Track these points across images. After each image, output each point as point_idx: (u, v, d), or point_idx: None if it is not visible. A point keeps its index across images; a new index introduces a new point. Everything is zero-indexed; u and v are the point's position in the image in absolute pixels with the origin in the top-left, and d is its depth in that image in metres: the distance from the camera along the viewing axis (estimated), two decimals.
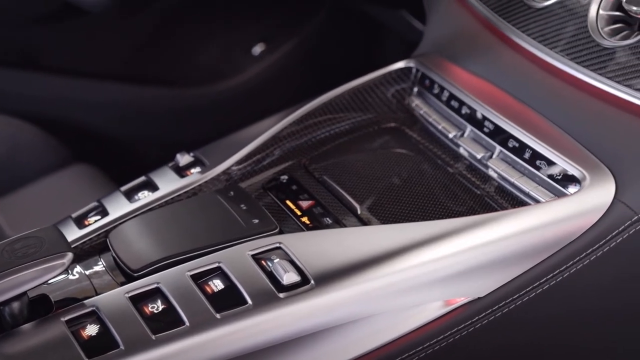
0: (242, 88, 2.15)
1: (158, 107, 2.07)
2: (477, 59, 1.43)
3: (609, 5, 1.29)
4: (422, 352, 1.16)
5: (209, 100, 2.11)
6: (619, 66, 1.24)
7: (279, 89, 2.18)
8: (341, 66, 2.23)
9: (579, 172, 1.21)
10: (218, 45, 2.16)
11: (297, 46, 2.20)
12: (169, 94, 2.08)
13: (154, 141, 2.05)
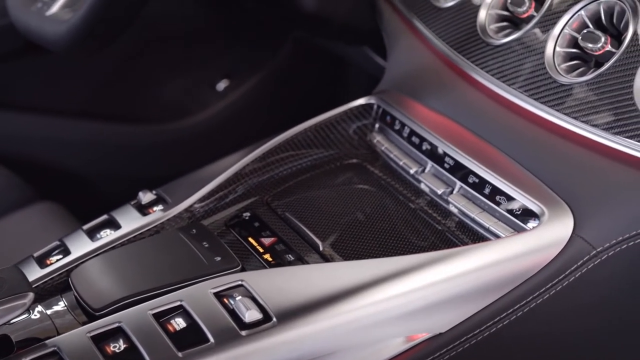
0: (206, 124, 2.16)
1: (122, 144, 2.07)
2: (438, 96, 1.44)
3: (566, 43, 1.31)
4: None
5: (173, 136, 2.11)
6: (576, 102, 1.26)
7: (243, 125, 2.19)
8: (305, 102, 2.24)
9: (537, 207, 1.22)
10: (182, 82, 2.17)
11: (261, 82, 2.22)
12: (133, 130, 2.08)
13: (118, 178, 2.05)
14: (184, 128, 2.13)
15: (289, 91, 2.27)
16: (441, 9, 1.49)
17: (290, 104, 2.25)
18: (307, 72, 2.28)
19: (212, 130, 2.15)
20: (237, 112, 2.19)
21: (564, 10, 1.32)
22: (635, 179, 1.18)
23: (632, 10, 1.25)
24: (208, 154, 1.57)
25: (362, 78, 2.16)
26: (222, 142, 2.08)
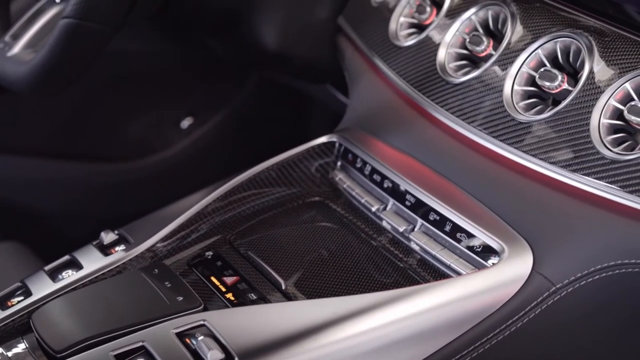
0: (171, 162, 2.16)
1: (85, 183, 2.07)
2: (399, 134, 1.45)
3: (523, 81, 1.33)
4: None
5: (136, 175, 2.11)
6: (534, 140, 1.28)
7: (208, 163, 2.19)
8: (269, 139, 2.25)
9: (497, 244, 1.23)
10: (146, 119, 2.17)
11: (225, 119, 2.22)
12: (96, 169, 2.08)
13: (81, 217, 2.05)
14: (148, 166, 2.13)
15: (253, 128, 2.27)
16: (401, 47, 1.51)
17: (254, 141, 2.26)
18: (271, 109, 2.29)
19: (176, 168, 2.15)
20: (202, 149, 2.19)
21: (521, 49, 1.34)
22: (592, 216, 1.20)
23: (588, 49, 1.27)
24: (172, 192, 1.57)
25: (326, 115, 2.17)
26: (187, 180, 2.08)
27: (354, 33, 1.63)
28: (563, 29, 1.32)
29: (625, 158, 1.18)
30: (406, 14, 1.54)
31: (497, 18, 1.41)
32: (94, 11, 1.38)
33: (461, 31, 1.44)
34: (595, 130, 1.22)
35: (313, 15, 1.70)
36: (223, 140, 2.23)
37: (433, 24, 1.48)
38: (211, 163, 2.19)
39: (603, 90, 1.23)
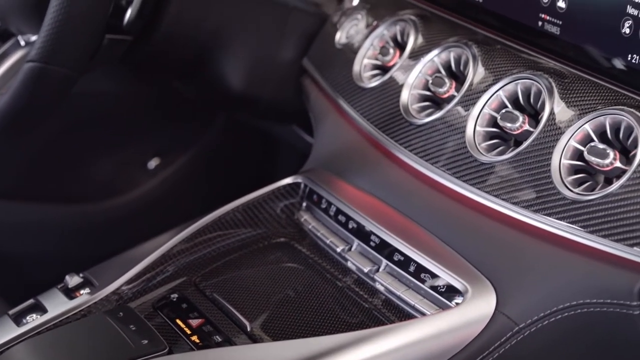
0: (137, 203, 2.15)
1: (50, 225, 2.06)
2: (363, 175, 1.46)
3: (485, 122, 1.34)
4: None
5: (103, 216, 2.10)
6: (497, 180, 1.29)
7: (175, 204, 2.19)
8: (236, 179, 2.25)
9: (461, 284, 1.24)
10: (112, 161, 2.17)
11: (192, 160, 2.22)
12: (61, 210, 2.07)
13: (47, 260, 2.04)
14: (114, 208, 2.12)
15: (220, 168, 2.28)
16: (365, 89, 1.52)
17: (221, 181, 2.26)
18: (238, 149, 2.29)
19: (143, 210, 2.15)
20: (168, 190, 2.19)
21: (483, 91, 1.36)
22: (554, 256, 1.21)
23: (548, 90, 1.29)
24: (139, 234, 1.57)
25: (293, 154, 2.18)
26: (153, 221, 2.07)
27: (318, 74, 1.64)
28: (524, 71, 1.34)
29: (585, 198, 1.19)
30: (370, 56, 1.56)
31: (459, 60, 1.43)
32: (58, 55, 1.39)
33: (424, 73, 1.45)
34: (556, 170, 1.23)
35: (278, 57, 1.71)
36: (190, 180, 2.23)
37: (396, 66, 1.49)
38: (178, 204, 2.18)
39: (563, 131, 1.25)
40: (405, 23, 1.53)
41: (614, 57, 1.25)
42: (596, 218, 1.17)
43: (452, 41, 1.45)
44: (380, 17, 1.58)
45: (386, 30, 1.56)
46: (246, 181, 1.81)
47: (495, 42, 1.42)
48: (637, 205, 1.14)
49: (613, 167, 1.19)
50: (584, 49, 1.29)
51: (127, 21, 1.51)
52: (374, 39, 1.56)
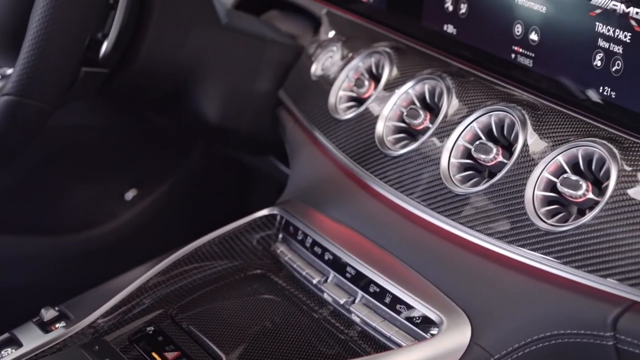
0: (114, 235, 2.15)
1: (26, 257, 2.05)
2: (339, 206, 1.47)
3: (460, 154, 1.35)
4: None
5: (80, 248, 2.10)
6: (471, 212, 1.30)
7: (152, 235, 2.18)
8: (214, 210, 2.25)
9: (436, 316, 1.25)
10: (89, 192, 2.16)
11: (170, 191, 2.22)
12: (38, 243, 2.07)
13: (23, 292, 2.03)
14: (91, 239, 2.11)
15: (198, 198, 2.28)
16: (341, 121, 1.53)
17: (199, 212, 2.26)
18: (215, 179, 2.29)
19: (120, 241, 2.14)
20: (146, 221, 2.19)
21: (457, 122, 1.37)
22: (529, 287, 1.21)
23: (521, 122, 1.30)
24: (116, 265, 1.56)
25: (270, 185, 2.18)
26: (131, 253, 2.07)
27: (294, 106, 1.65)
28: (497, 103, 1.35)
29: (559, 230, 1.20)
30: (345, 88, 1.57)
31: (433, 92, 1.44)
32: (34, 89, 1.39)
33: (399, 105, 1.46)
34: (530, 202, 1.24)
35: (254, 89, 1.72)
36: (167, 211, 2.23)
37: (371, 98, 1.50)
38: (156, 235, 2.18)
39: (537, 163, 1.26)
40: (380, 55, 1.54)
41: (586, 89, 1.27)
42: (570, 249, 1.18)
43: (427, 73, 1.46)
44: (355, 50, 1.59)
45: (361, 63, 1.57)
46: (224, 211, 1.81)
47: (469, 74, 1.43)
48: (609, 237, 1.15)
49: (586, 199, 1.20)
50: (557, 81, 1.31)
51: (103, 54, 1.51)
52: (349, 71, 1.57)
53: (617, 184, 1.17)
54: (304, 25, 1.81)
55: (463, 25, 1.44)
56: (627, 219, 1.15)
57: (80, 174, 2.14)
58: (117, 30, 1.50)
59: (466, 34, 1.44)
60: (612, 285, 1.14)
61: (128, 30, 1.54)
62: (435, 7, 1.48)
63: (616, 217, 1.16)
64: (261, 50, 1.72)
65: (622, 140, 1.21)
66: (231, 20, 1.71)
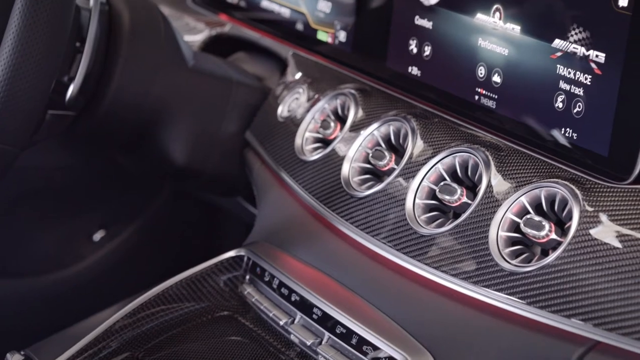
0: (82, 277, 2.14)
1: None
2: (306, 247, 1.47)
3: (425, 195, 1.36)
4: None
5: (47, 291, 2.09)
6: (437, 252, 1.31)
7: (120, 276, 2.18)
8: (182, 250, 2.25)
9: (402, 356, 1.25)
10: (57, 233, 2.16)
11: (138, 231, 2.22)
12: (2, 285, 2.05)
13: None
14: (58, 281, 2.10)
15: (166, 240, 2.27)
16: (307, 162, 1.54)
17: (167, 253, 2.26)
18: (183, 220, 2.29)
19: (88, 283, 2.13)
20: (114, 263, 2.18)
21: (422, 164, 1.38)
22: (494, 327, 1.22)
23: (485, 163, 1.31)
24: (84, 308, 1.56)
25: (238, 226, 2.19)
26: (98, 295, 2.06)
27: (261, 147, 1.66)
28: (461, 144, 1.36)
29: (523, 270, 1.21)
30: (311, 129, 1.58)
31: (398, 133, 1.45)
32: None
33: (364, 146, 1.47)
34: (494, 242, 1.25)
35: (221, 130, 1.72)
36: (135, 252, 2.22)
37: (337, 139, 1.51)
38: (123, 276, 2.17)
39: (500, 204, 1.27)
40: (346, 97, 1.55)
41: (548, 130, 1.28)
42: (534, 289, 1.19)
43: (392, 115, 1.47)
44: (321, 91, 1.61)
45: (327, 104, 1.58)
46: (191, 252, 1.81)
47: (434, 116, 1.45)
48: (572, 277, 1.16)
49: (549, 239, 1.21)
50: (519, 123, 1.32)
51: (69, 97, 1.52)
52: (315, 113, 1.58)
53: (580, 224, 1.18)
54: (271, 67, 1.82)
55: (427, 67, 1.46)
56: (590, 259, 1.16)
57: (47, 215, 2.14)
58: (83, 73, 1.51)
59: (430, 76, 1.46)
60: (576, 326, 1.15)
61: (94, 73, 1.55)
62: (399, 50, 1.50)
63: (579, 258, 1.17)
64: (228, 91, 1.73)
65: (584, 181, 1.23)
66: (198, 63, 1.72)
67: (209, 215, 2.28)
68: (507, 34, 1.32)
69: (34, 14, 1.29)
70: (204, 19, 1.95)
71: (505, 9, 1.32)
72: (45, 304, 2.09)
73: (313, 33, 1.68)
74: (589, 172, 1.24)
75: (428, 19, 1.45)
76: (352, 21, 1.60)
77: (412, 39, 1.48)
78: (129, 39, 1.60)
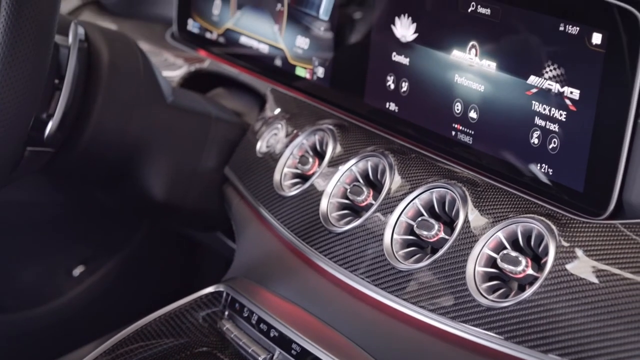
0: (61, 312, 2.13)
1: None
2: (284, 283, 1.48)
3: (402, 230, 1.37)
4: None
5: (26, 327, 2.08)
6: (415, 288, 1.31)
7: (100, 312, 2.17)
8: (162, 285, 2.25)
9: None
10: (36, 269, 2.15)
11: (117, 267, 2.21)
12: None
13: None
14: (38, 317, 2.09)
15: (146, 274, 2.27)
16: (286, 197, 1.54)
17: (146, 288, 2.25)
18: (163, 255, 2.29)
19: (68, 319, 2.12)
20: (94, 298, 2.18)
21: (399, 199, 1.38)
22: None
23: (462, 199, 1.32)
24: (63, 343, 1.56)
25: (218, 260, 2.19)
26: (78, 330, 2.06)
27: (239, 183, 1.66)
28: (438, 180, 1.37)
29: (500, 305, 1.21)
30: (290, 165, 1.58)
31: (376, 169, 1.46)
32: None
33: (342, 181, 1.48)
34: (471, 278, 1.26)
35: (200, 166, 1.73)
36: (115, 287, 2.21)
37: (315, 175, 1.52)
38: (103, 312, 2.17)
39: (477, 239, 1.28)
40: (324, 132, 1.56)
41: (524, 166, 1.29)
42: (511, 325, 1.20)
43: (369, 150, 1.48)
44: (299, 127, 1.61)
45: (305, 140, 1.59)
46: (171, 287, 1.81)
47: (411, 151, 1.46)
48: (549, 312, 1.17)
49: (525, 274, 1.22)
50: (496, 158, 1.33)
51: (48, 134, 1.52)
52: (293, 148, 1.59)
53: (556, 259, 1.19)
54: (250, 103, 1.83)
55: (404, 103, 1.47)
56: (566, 295, 1.17)
57: (27, 250, 2.13)
58: (62, 110, 1.51)
59: (408, 111, 1.47)
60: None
61: (73, 110, 1.55)
62: (377, 86, 1.51)
63: (555, 293, 1.17)
64: (207, 127, 1.73)
65: (559, 217, 1.24)
66: (177, 99, 1.73)
67: (188, 250, 2.28)
68: (483, 70, 1.34)
69: (13, 52, 1.29)
70: (183, 55, 1.95)
71: (481, 46, 1.34)
72: (24, 339, 2.08)
73: (291, 69, 1.69)
74: (564, 208, 1.25)
75: (405, 55, 1.46)
76: (330, 57, 1.61)
77: (389, 75, 1.49)
78: (108, 76, 1.60)
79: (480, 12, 1.33)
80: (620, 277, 1.14)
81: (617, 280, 1.14)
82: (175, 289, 1.64)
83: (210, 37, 1.87)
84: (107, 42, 1.63)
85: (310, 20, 1.64)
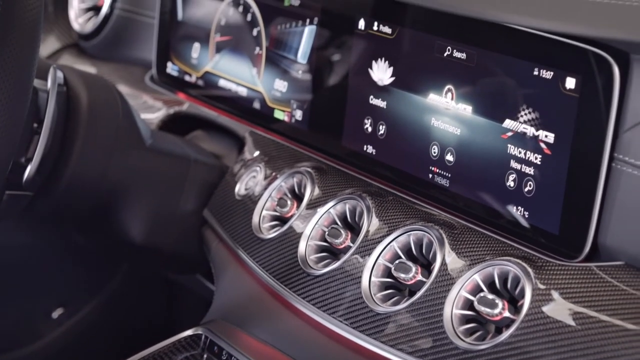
0: (40, 355, 2.12)
1: None
2: (263, 325, 1.48)
3: (380, 272, 1.37)
4: None
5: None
6: (392, 330, 1.31)
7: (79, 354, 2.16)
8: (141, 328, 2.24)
9: None
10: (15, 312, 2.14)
11: (97, 309, 2.21)
12: None
13: None
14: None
15: (125, 317, 2.26)
16: (264, 240, 1.55)
17: (125, 330, 2.24)
18: (142, 297, 2.29)
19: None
20: (73, 341, 2.17)
21: (377, 242, 1.39)
22: None
23: (439, 241, 1.33)
24: None
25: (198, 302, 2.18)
26: None
27: (218, 225, 1.66)
28: (416, 222, 1.38)
29: (477, 348, 1.22)
30: (268, 207, 1.59)
31: (354, 211, 1.47)
32: None
33: (320, 224, 1.49)
34: (449, 320, 1.26)
35: (178, 208, 1.73)
36: (94, 330, 2.21)
37: (294, 217, 1.53)
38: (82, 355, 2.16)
39: (454, 282, 1.28)
40: (302, 175, 1.57)
41: (500, 209, 1.30)
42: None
43: (347, 193, 1.49)
44: (278, 169, 1.62)
45: (284, 182, 1.59)
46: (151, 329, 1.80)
47: (389, 194, 1.46)
48: (526, 355, 1.17)
49: (502, 317, 1.22)
50: (472, 201, 1.34)
51: (26, 178, 1.52)
52: (272, 191, 1.60)
53: (532, 302, 1.20)
54: (228, 145, 1.84)
55: (382, 146, 1.48)
56: (543, 337, 1.17)
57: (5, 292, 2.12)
58: (40, 154, 1.51)
59: (385, 154, 1.48)
60: None
61: (52, 154, 1.55)
62: (354, 128, 1.52)
63: (532, 335, 1.18)
64: (186, 170, 1.74)
65: (535, 259, 1.25)
66: (155, 141, 1.73)
67: (168, 292, 2.27)
68: (459, 114, 1.35)
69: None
70: (162, 98, 1.96)
71: (457, 89, 1.35)
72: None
73: (270, 111, 1.70)
74: (540, 250, 1.26)
75: (382, 98, 1.47)
76: (308, 100, 1.62)
77: (367, 118, 1.50)
78: (87, 120, 1.60)
79: (456, 57, 1.35)
80: (596, 319, 1.15)
81: (593, 323, 1.14)
82: (154, 331, 1.64)
83: (189, 80, 1.88)
84: (86, 87, 1.63)
85: (289, 63, 1.65)
